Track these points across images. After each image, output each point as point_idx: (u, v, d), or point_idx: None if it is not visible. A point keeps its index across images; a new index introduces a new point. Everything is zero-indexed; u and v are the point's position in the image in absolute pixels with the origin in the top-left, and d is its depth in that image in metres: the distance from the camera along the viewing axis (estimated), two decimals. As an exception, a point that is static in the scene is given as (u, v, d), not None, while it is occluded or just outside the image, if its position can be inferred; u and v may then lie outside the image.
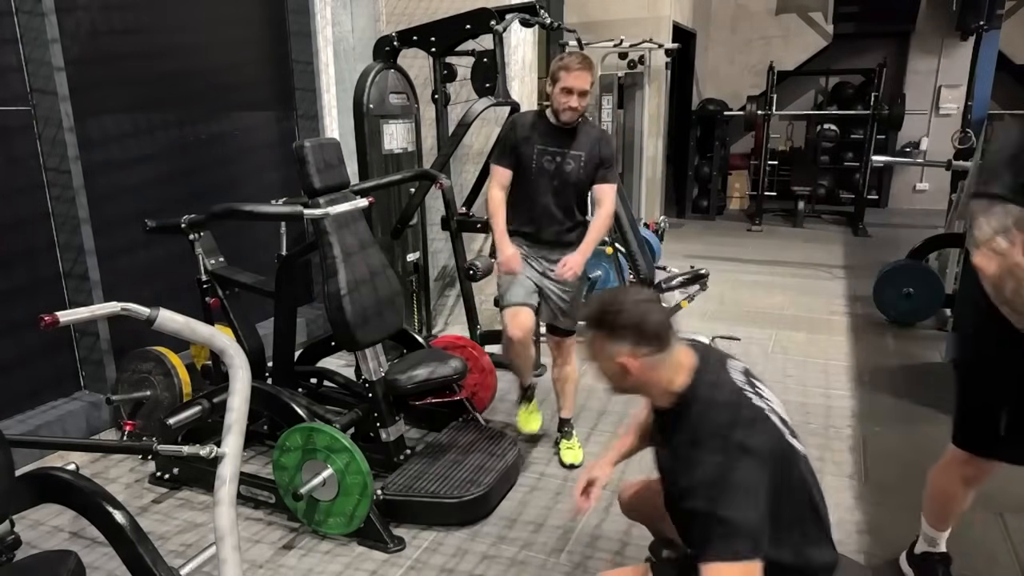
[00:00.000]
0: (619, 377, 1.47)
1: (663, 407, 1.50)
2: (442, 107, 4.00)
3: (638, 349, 1.42)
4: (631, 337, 1.42)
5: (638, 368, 1.43)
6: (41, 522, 2.58)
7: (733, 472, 1.29)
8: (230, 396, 1.49)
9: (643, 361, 1.42)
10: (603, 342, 1.45)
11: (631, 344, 1.42)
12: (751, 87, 9.50)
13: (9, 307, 2.97)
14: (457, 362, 2.77)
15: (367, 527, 2.41)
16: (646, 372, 1.43)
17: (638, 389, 1.49)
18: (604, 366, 1.48)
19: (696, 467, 1.33)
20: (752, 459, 1.31)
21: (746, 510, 1.27)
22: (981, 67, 5.30)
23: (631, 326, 1.42)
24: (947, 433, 1.99)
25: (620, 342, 1.43)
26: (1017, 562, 2.32)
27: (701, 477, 1.32)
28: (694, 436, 1.38)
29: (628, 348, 1.42)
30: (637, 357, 1.42)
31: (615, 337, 1.43)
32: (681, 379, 1.45)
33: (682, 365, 1.46)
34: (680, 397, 1.45)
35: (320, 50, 4.17)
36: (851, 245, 7.66)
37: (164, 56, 3.60)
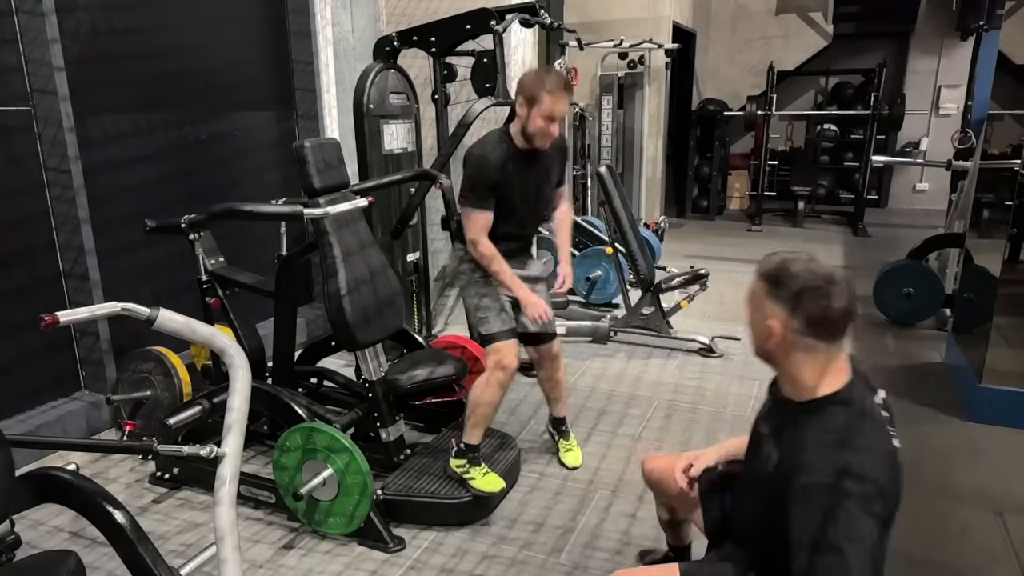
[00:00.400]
0: (762, 337, 1.37)
1: (793, 399, 1.38)
2: (442, 107, 4.00)
3: (793, 322, 1.30)
4: (790, 306, 1.30)
5: (783, 342, 1.32)
6: (41, 522, 2.58)
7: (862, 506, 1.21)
8: (230, 396, 1.49)
9: (793, 338, 1.31)
10: (763, 297, 1.35)
11: (788, 313, 1.30)
12: (751, 87, 9.50)
13: (9, 307, 2.97)
14: (457, 362, 2.77)
15: (367, 527, 2.41)
16: (791, 351, 1.32)
17: (774, 361, 1.39)
18: (754, 319, 1.39)
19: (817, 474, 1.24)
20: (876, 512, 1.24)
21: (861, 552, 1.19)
22: (981, 67, 5.31)
23: (799, 296, 1.29)
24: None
25: (778, 305, 1.32)
26: (1017, 562, 2.32)
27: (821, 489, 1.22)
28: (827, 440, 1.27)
29: (784, 316, 1.31)
30: (789, 330, 1.31)
31: (776, 298, 1.32)
32: (830, 385, 1.33)
33: (838, 371, 1.34)
34: (822, 401, 1.33)
35: (320, 50, 4.17)
36: (851, 245, 7.66)
37: (164, 56, 3.60)
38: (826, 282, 1.28)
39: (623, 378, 3.94)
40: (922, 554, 2.36)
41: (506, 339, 2.55)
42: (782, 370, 1.39)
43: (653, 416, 3.45)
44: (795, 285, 1.30)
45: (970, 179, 4.59)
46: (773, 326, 1.32)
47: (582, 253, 5.30)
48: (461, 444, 2.57)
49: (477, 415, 2.55)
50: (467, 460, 2.56)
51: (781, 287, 1.31)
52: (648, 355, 4.30)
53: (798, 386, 1.36)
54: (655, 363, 4.17)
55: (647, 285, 4.37)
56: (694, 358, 4.24)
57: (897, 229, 8.33)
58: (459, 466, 2.56)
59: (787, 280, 1.31)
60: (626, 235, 4.39)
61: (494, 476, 2.58)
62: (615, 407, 3.55)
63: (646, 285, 4.38)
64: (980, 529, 2.49)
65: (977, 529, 2.49)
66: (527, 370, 3.96)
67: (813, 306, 1.28)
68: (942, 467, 2.93)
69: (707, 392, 3.74)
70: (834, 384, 1.33)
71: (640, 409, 3.53)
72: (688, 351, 4.33)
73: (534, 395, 3.70)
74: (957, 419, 3.34)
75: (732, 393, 3.71)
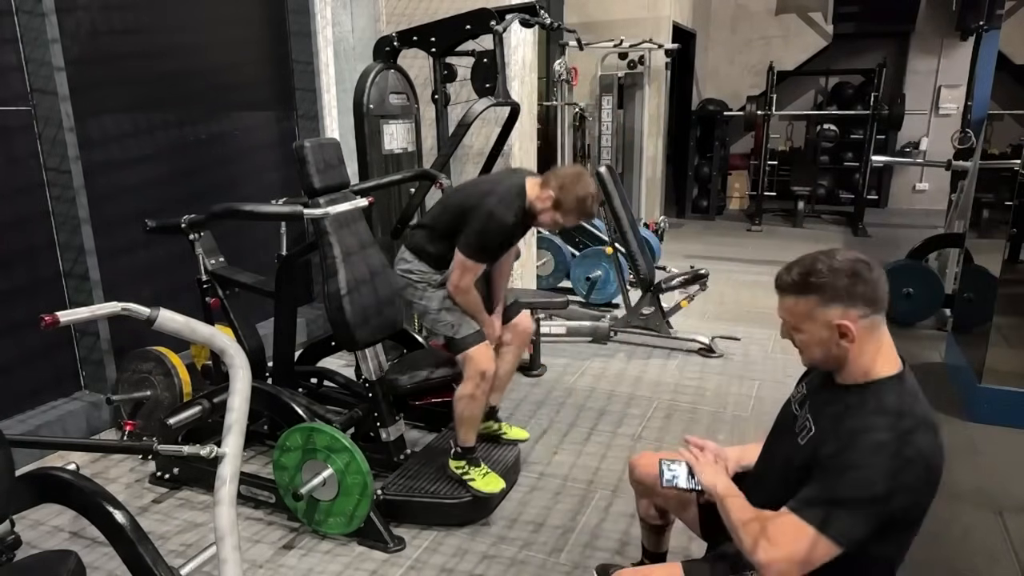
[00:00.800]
0: (832, 345, 1.33)
1: (845, 383, 1.37)
2: (442, 107, 4.00)
3: (857, 310, 1.30)
4: (850, 297, 1.29)
5: (858, 331, 1.30)
6: (41, 522, 2.58)
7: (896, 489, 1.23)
8: (230, 396, 1.49)
9: (861, 324, 1.30)
10: (817, 305, 1.32)
11: (849, 305, 1.30)
12: (751, 87, 9.51)
13: (9, 307, 2.97)
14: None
15: (367, 527, 2.41)
16: (865, 340, 1.31)
17: (842, 361, 1.35)
18: (816, 333, 1.34)
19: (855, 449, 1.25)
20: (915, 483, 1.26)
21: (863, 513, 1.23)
22: (981, 67, 5.31)
23: (850, 285, 1.29)
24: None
25: (838, 304, 1.30)
26: (1017, 562, 2.32)
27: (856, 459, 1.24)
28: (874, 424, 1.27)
29: (846, 311, 1.30)
30: (856, 320, 1.30)
31: (833, 299, 1.30)
32: (890, 367, 1.34)
33: (893, 351, 1.36)
34: (879, 386, 1.33)
35: (320, 50, 4.17)
36: (851, 245, 7.65)
37: (164, 56, 3.60)
38: (857, 263, 1.31)
39: (623, 378, 3.94)
40: (922, 554, 2.36)
41: (478, 342, 2.50)
42: (848, 362, 1.35)
43: (653, 416, 3.45)
44: (839, 280, 1.30)
45: (970, 179, 4.59)
46: (843, 325, 1.30)
47: (582, 253, 5.30)
48: (458, 448, 2.58)
49: (466, 423, 2.53)
50: (466, 461, 2.56)
51: (826, 289, 1.31)
52: (648, 355, 4.30)
53: (858, 369, 1.35)
54: (655, 363, 4.17)
55: (647, 285, 4.37)
56: (694, 358, 4.24)
57: (897, 229, 8.34)
58: (458, 467, 2.56)
59: (826, 281, 1.31)
60: (626, 235, 4.39)
61: (494, 476, 2.58)
62: (615, 407, 3.55)
63: (646, 285, 4.38)
64: (980, 529, 2.49)
65: (977, 529, 2.49)
66: (527, 370, 3.96)
67: (864, 288, 1.29)
68: (942, 467, 2.92)
69: (707, 392, 3.74)
70: (890, 368, 1.34)
71: (640, 409, 3.53)
72: (688, 351, 4.33)
73: (534, 395, 3.70)
74: (957, 419, 3.34)
75: (732, 393, 3.71)
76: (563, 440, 3.20)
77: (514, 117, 3.67)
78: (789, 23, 9.35)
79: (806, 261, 1.35)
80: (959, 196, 5.02)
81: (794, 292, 1.35)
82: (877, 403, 1.30)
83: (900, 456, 1.24)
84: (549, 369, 4.06)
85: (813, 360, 1.41)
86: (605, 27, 7.24)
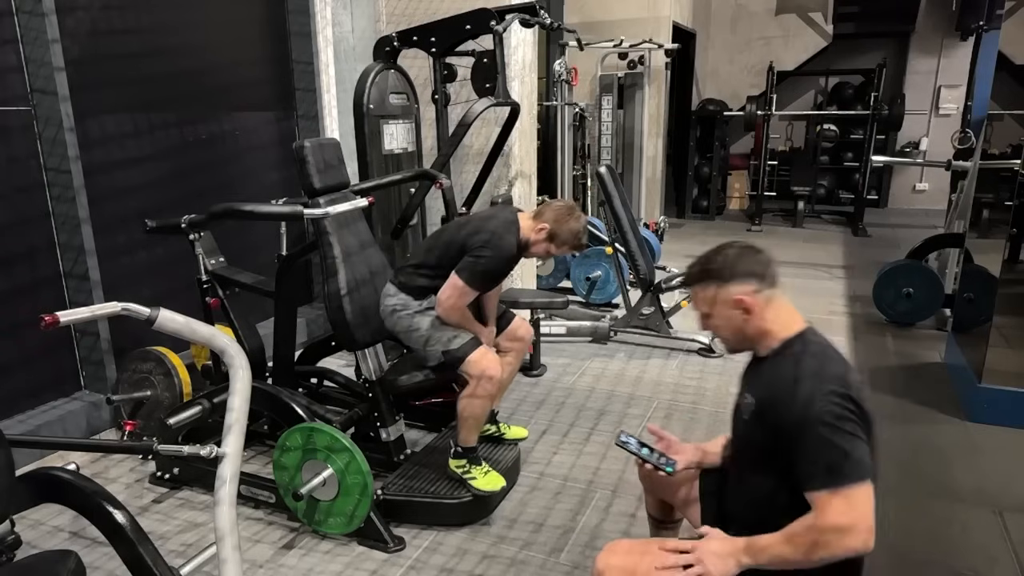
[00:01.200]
0: (739, 321, 1.51)
1: (761, 354, 1.53)
2: (442, 107, 4.00)
3: (751, 284, 1.49)
4: (742, 275, 1.49)
5: (756, 304, 1.48)
6: (41, 522, 2.58)
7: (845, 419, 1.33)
8: (230, 396, 1.49)
9: (758, 297, 1.48)
10: (719, 289, 1.51)
11: (744, 281, 1.49)
12: (751, 87, 9.51)
13: (9, 307, 2.97)
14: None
15: (367, 527, 2.41)
16: (763, 309, 1.49)
17: (756, 333, 1.51)
18: (724, 313, 1.52)
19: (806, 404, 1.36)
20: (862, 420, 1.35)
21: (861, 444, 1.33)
22: (981, 67, 5.31)
23: (740, 265, 1.50)
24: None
25: (733, 282, 1.49)
26: (1017, 562, 2.32)
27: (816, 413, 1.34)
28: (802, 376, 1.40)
29: (744, 286, 1.48)
30: (753, 294, 1.48)
31: (728, 279, 1.50)
32: (794, 327, 1.50)
33: (794, 315, 1.53)
34: (789, 343, 1.49)
35: (320, 50, 4.17)
36: (851, 245, 7.66)
37: (164, 56, 3.60)
38: (738, 247, 1.53)
39: (623, 378, 3.94)
40: (922, 554, 2.36)
41: (476, 347, 2.50)
42: (756, 334, 1.52)
43: (653, 416, 3.45)
44: (727, 263, 1.51)
45: (970, 179, 4.59)
46: (741, 299, 1.49)
47: (582, 253, 5.30)
48: (459, 448, 2.58)
49: (469, 424, 2.53)
50: (467, 460, 2.56)
51: (719, 273, 1.51)
52: (648, 355, 4.30)
53: (770, 337, 1.51)
54: (655, 363, 4.17)
55: (647, 285, 4.37)
56: (694, 358, 4.24)
57: (897, 229, 8.34)
58: (459, 466, 2.57)
59: (718, 267, 1.52)
60: (626, 235, 4.39)
61: (495, 475, 2.58)
62: (615, 407, 3.55)
63: (646, 285, 4.38)
64: (980, 529, 2.49)
65: (977, 529, 2.49)
66: (527, 370, 3.96)
67: (749, 265, 1.50)
68: (942, 467, 2.93)
69: (707, 392, 3.74)
70: (794, 328, 1.51)
71: (640, 409, 3.53)
72: (688, 351, 4.34)
73: (534, 395, 3.70)
74: (957, 419, 3.34)
75: (732, 393, 3.68)
76: (563, 440, 3.21)
77: (514, 117, 3.67)
78: (789, 23, 9.35)
79: (703, 255, 1.57)
80: (959, 196, 5.01)
81: (697, 281, 1.56)
82: (792, 355, 1.47)
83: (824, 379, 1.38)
84: (549, 369, 4.06)
85: (729, 342, 1.58)
86: (605, 27, 7.24)
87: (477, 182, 3.84)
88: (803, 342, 1.48)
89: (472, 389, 2.48)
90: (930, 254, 4.96)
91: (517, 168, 4.17)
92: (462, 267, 2.47)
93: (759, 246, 1.54)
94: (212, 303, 2.96)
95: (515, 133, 3.82)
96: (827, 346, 1.48)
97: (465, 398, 2.50)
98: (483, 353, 2.50)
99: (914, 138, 9.55)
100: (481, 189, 3.83)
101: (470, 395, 2.49)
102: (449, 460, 2.60)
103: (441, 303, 2.52)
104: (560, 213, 2.56)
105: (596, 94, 7.51)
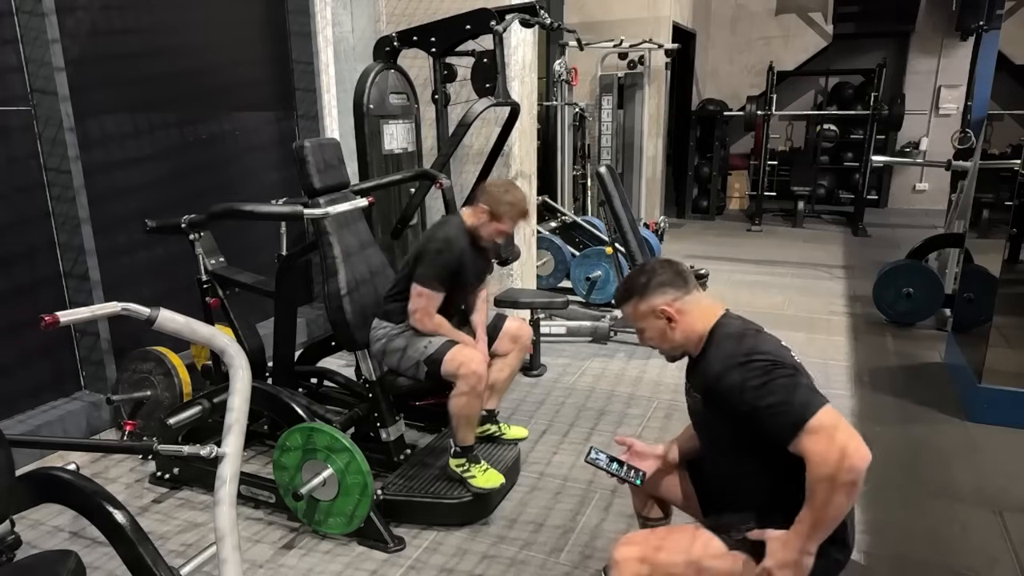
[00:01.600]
0: (667, 329, 1.63)
1: (695, 354, 1.64)
2: (442, 107, 4.00)
3: (668, 294, 1.61)
4: (659, 287, 1.62)
5: (677, 311, 1.60)
6: (41, 522, 2.58)
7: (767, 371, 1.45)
8: (230, 396, 1.49)
9: (678, 305, 1.61)
10: (639, 303, 1.64)
11: (661, 293, 1.61)
12: (751, 87, 9.51)
13: (9, 307, 2.97)
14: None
15: (367, 527, 2.41)
16: (684, 314, 1.61)
17: (683, 338, 1.63)
18: (651, 324, 1.65)
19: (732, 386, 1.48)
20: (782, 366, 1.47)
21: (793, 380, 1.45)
22: (981, 67, 5.31)
23: (656, 279, 1.63)
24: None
25: (654, 295, 1.62)
26: (1017, 562, 2.32)
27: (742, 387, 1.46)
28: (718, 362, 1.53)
29: (661, 297, 1.61)
30: (671, 303, 1.61)
31: (648, 293, 1.63)
32: (710, 320, 1.62)
33: (711, 309, 1.64)
34: (709, 336, 1.60)
35: (320, 50, 4.17)
36: (850, 245, 7.66)
37: (164, 56, 3.60)
38: (653, 263, 1.68)
39: (623, 378, 3.94)
40: (922, 554, 2.36)
41: (451, 347, 2.51)
42: (685, 338, 1.63)
43: (653, 416, 3.45)
44: (646, 278, 1.64)
45: (970, 179, 4.59)
46: (663, 310, 1.61)
47: (582, 253, 5.30)
48: (457, 447, 2.58)
49: (462, 423, 2.53)
50: (466, 459, 2.57)
51: (640, 289, 1.64)
52: (648, 355, 4.30)
53: (697, 336, 1.62)
54: (655, 363, 4.17)
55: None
56: (694, 358, 4.24)
57: (897, 229, 8.33)
58: (459, 465, 2.57)
59: (637, 284, 1.65)
60: (626, 235, 4.38)
61: (494, 472, 2.58)
62: (615, 407, 3.55)
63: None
64: (980, 529, 2.49)
65: (977, 529, 2.49)
66: (527, 370, 3.96)
67: (665, 276, 1.63)
68: (942, 467, 2.93)
69: (707, 392, 3.73)
70: (711, 320, 1.62)
71: (640, 409, 3.53)
72: (688, 351, 4.33)
73: (534, 395, 3.71)
74: (957, 419, 3.34)
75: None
76: (563, 440, 3.21)
77: (514, 117, 3.67)
78: (789, 23, 9.35)
79: (626, 277, 1.72)
80: (959, 196, 5.01)
81: (624, 301, 1.69)
82: (713, 346, 1.58)
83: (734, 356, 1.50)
84: (549, 369, 4.06)
85: (664, 350, 1.69)
86: (605, 27, 7.24)
87: (477, 182, 3.84)
88: (718, 332, 1.59)
89: (458, 388, 2.48)
90: (930, 254, 4.96)
91: (517, 168, 4.17)
92: (418, 273, 2.53)
93: (669, 259, 1.71)
94: (212, 303, 2.96)
95: (515, 133, 3.82)
96: (741, 329, 1.59)
97: (453, 398, 2.50)
98: (459, 349, 2.51)
99: (914, 138, 9.55)
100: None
101: (456, 394, 2.49)
102: (449, 460, 2.61)
103: (411, 314, 2.56)
104: (494, 191, 2.64)
105: (596, 94, 7.51)
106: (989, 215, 4.14)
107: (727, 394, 1.49)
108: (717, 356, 1.54)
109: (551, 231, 5.60)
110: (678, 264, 1.68)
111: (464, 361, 2.47)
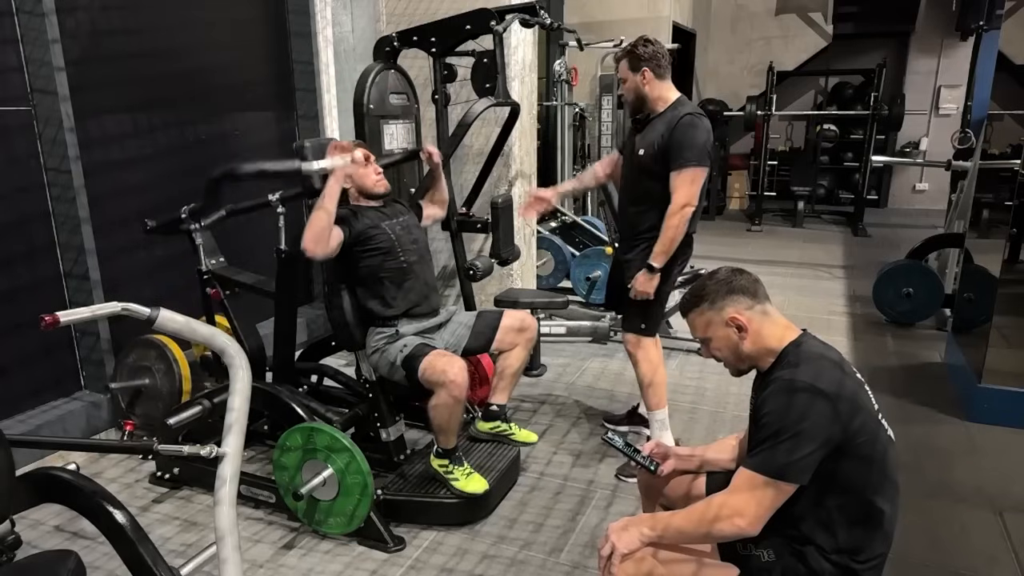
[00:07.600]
0: (736, 340, 1.58)
1: (765, 368, 1.60)
2: (442, 107, 3.99)
3: (741, 302, 1.57)
4: (732, 294, 1.58)
5: (750, 321, 1.56)
6: (41, 522, 2.58)
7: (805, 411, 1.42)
8: (230, 396, 1.49)
9: (750, 314, 1.56)
10: (710, 312, 1.60)
11: (733, 300, 1.57)
12: (751, 87, 9.51)
13: (9, 307, 2.97)
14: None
15: (367, 527, 2.41)
16: (756, 325, 1.56)
17: (753, 351, 1.58)
18: (720, 333, 1.60)
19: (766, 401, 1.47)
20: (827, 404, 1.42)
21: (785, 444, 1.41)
22: (981, 67, 5.31)
23: (729, 286, 1.59)
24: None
25: (726, 302, 1.58)
26: (1017, 562, 2.32)
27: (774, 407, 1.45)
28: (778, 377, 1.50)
29: (733, 306, 1.57)
30: (743, 312, 1.56)
31: (721, 300, 1.58)
32: (788, 337, 1.57)
33: (789, 327, 1.59)
34: (784, 354, 1.55)
35: (320, 50, 4.17)
36: (850, 245, 7.66)
37: (164, 56, 3.60)
38: (725, 271, 1.63)
39: (623, 378, 3.94)
40: (922, 554, 2.36)
41: (426, 354, 2.45)
42: (758, 352, 1.59)
43: (653, 416, 3.44)
44: (721, 287, 1.59)
45: (970, 179, 4.59)
46: (735, 318, 1.57)
47: (582, 253, 5.30)
48: (439, 448, 2.55)
49: (442, 429, 2.49)
50: (449, 460, 2.53)
51: (712, 297, 1.59)
52: (648, 355, 4.29)
53: (766, 352, 1.58)
54: (655, 363, 4.16)
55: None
56: (694, 358, 4.24)
57: (897, 229, 8.34)
58: (441, 465, 2.54)
59: (711, 291, 1.60)
60: (626, 235, 4.38)
61: (477, 477, 2.54)
62: (615, 407, 3.55)
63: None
64: (980, 529, 2.50)
65: (977, 529, 2.49)
66: (527, 370, 3.96)
67: (741, 283, 1.59)
68: (942, 467, 2.93)
69: (707, 392, 3.74)
70: (789, 337, 1.58)
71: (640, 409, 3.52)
72: (688, 351, 4.33)
73: (534, 395, 3.71)
74: (957, 419, 3.34)
75: (732, 393, 3.71)
76: (563, 440, 3.21)
77: (514, 117, 3.67)
78: (789, 23, 9.35)
79: (694, 284, 1.66)
80: (959, 196, 5.02)
81: (692, 308, 1.64)
82: (781, 364, 1.55)
83: (793, 389, 1.44)
84: (549, 369, 4.06)
85: (731, 364, 1.65)
86: (605, 27, 7.24)
87: (477, 182, 3.84)
88: (794, 350, 1.54)
89: (438, 396, 2.41)
90: (930, 254, 4.96)
91: (517, 168, 4.17)
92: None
93: (742, 269, 1.64)
94: (213, 294, 2.95)
95: (515, 133, 3.81)
96: (821, 353, 1.53)
97: (433, 407, 2.44)
98: (438, 355, 2.46)
99: (914, 138, 9.55)
100: (481, 189, 3.83)
101: (437, 403, 2.42)
102: (431, 458, 2.58)
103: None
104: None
105: (596, 94, 7.50)
106: (989, 215, 4.14)
107: (760, 403, 1.50)
108: (780, 369, 1.53)
109: (551, 231, 5.60)
110: (750, 273, 1.63)
111: (443, 368, 2.39)
